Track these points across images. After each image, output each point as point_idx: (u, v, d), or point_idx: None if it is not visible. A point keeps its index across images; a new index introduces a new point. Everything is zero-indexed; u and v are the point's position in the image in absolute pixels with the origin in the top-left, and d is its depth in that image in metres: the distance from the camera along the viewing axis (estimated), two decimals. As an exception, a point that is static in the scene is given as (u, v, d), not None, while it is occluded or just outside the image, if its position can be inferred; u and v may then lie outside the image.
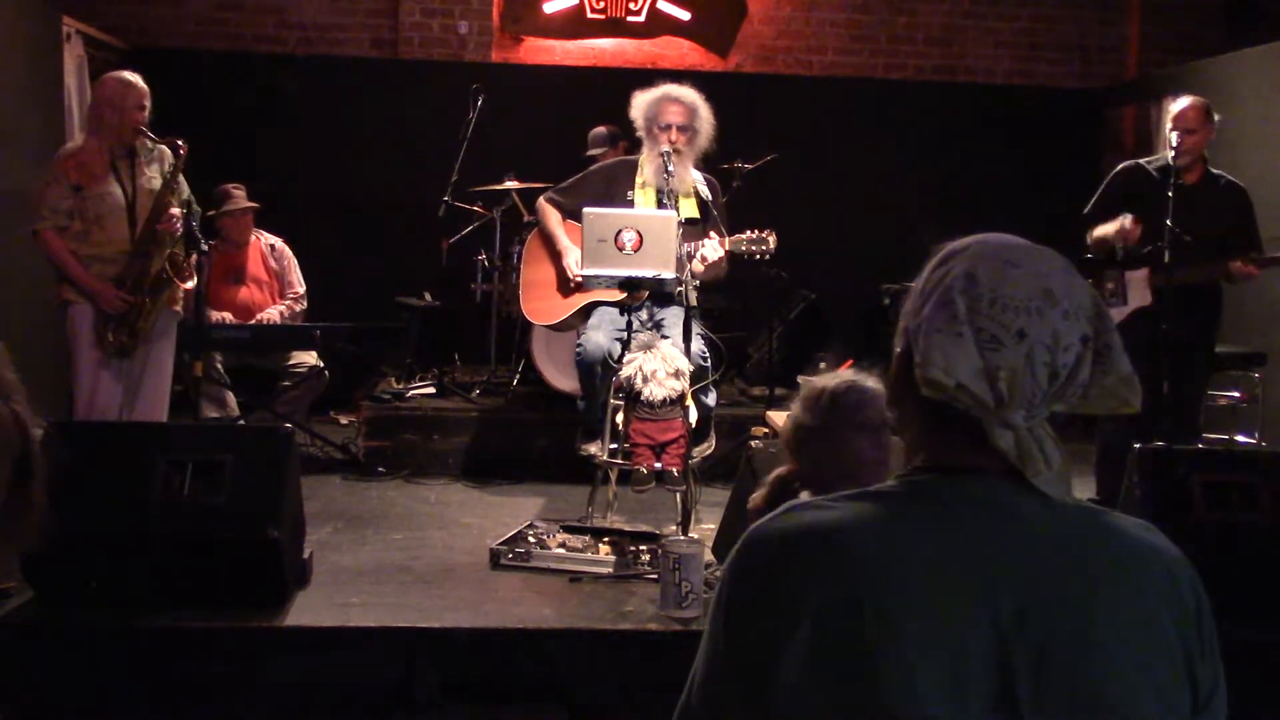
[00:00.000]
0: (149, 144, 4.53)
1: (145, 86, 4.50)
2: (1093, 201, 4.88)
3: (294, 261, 5.93)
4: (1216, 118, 4.66)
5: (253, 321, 5.67)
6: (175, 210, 4.50)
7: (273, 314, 5.73)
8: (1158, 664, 1.11)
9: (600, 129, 6.32)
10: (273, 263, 5.88)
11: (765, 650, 1.11)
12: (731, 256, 4.58)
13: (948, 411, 1.16)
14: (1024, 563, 1.12)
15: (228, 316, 5.62)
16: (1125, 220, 4.60)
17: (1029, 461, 1.13)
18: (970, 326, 1.14)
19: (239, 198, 5.73)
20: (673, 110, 4.57)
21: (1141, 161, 4.83)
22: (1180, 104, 4.66)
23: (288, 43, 7.53)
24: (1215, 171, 4.69)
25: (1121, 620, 1.11)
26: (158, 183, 4.55)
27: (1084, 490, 4.82)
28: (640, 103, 4.65)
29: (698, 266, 4.48)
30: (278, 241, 5.92)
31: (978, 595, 1.09)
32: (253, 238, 5.84)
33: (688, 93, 4.61)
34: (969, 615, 1.08)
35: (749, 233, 4.57)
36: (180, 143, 4.55)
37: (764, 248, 4.55)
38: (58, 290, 4.47)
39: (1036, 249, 1.20)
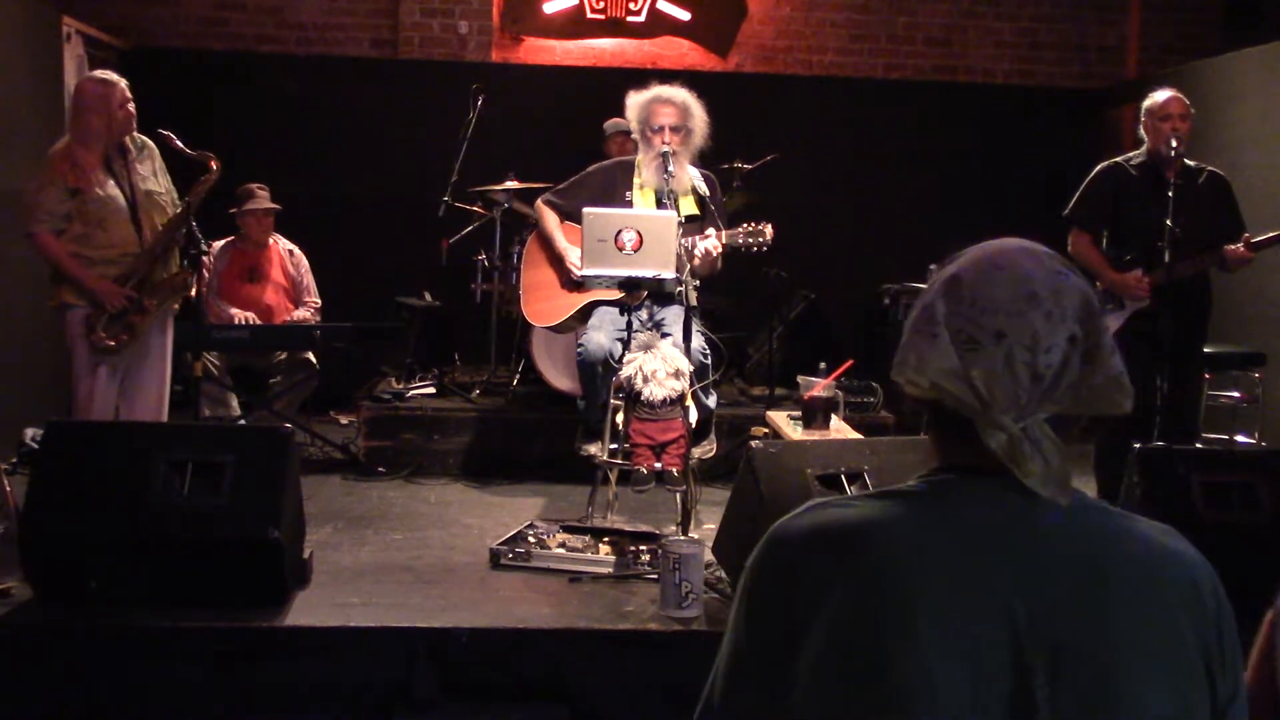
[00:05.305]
0: (138, 140, 4.51)
1: (124, 81, 4.45)
2: (1074, 204, 4.80)
3: (309, 270, 5.94)
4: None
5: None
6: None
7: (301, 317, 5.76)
8: (1175, 666, 1.11)
9: (620, 119, 6.25)
10: (290, 268, 5.88)
11: (786, 647, 1.12)
12: (729, 250, 4.57)
13: (948, 413, 1.17)
14: (1036, 562, 1.12)
15: (252, 317, 5.61)
16: (1142, 283, 4.56)
17: (1021, 463, 1.13)
18: (947, 328, 1.15)
19: (262, 198, 5.74)
20: (664, 112, 4.55)
21: (1119, 160, 4.77)
22: (1163, 95, 4.60)
23: (288, 43, 7.53)
24: (1191, 164, 4.64)
25: (1137, 621, 1.11)
26: (152, 182, 4.53)
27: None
28: (633, 105, 4.63)
29: (694, 260, 4.48)
30: (295, 249, 5.93)
31: (991, 593, 1.10)
32: (271, 240, 5.85)
33: (678, 92, 4.58)
34: (983, 612, 1.09)
35: (745, 225, 4.57)
36: (212, 156, 4.54)
37: (761, 240, 4.55)
38: (55, 292, 4.43)
39: (1032, 252, 1.20)
